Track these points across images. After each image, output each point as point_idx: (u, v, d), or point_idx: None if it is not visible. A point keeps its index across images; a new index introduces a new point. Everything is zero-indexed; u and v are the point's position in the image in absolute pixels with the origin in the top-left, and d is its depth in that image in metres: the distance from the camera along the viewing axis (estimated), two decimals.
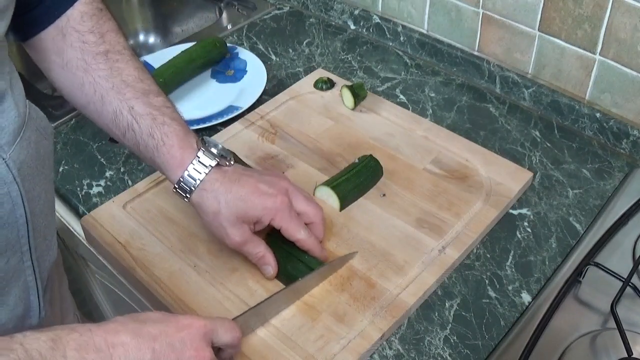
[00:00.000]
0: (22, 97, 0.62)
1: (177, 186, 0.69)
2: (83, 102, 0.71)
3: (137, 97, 0.69)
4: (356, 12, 1.20)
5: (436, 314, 0.73)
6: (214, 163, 0.69)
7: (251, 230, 0.71)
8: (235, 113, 0.99)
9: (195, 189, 0.69)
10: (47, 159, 0.68)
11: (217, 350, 0.59)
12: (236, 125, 0.96)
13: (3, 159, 0.57)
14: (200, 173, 0.68)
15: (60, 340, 0.47)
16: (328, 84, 1.03)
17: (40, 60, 0.71)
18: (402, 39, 1.15)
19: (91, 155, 0.95)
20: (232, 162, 0.72)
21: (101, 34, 0.69)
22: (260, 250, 0.71)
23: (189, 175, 0.68)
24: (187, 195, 0.69)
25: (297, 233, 0.71)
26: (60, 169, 0.93)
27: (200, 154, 0.69)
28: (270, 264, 0.72)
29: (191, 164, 0.68)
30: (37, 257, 0.65)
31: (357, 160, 0.86)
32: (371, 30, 1.20)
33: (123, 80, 0.69)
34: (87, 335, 0.49)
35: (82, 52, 0.68)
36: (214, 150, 0.69)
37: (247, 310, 0.67)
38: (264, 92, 1.03)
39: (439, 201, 0.83)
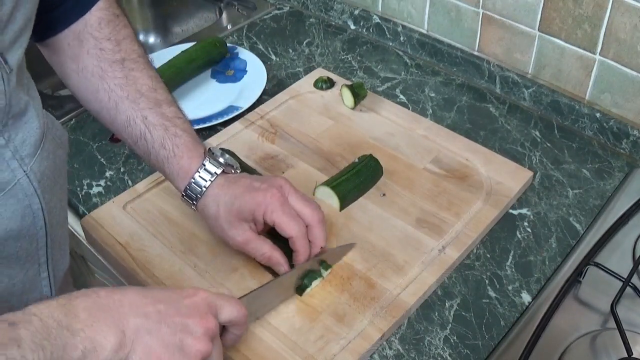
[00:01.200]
0: (40, 107, 0.62)
1: (184, 194, 0.70)
2: (97, 108, 0.71)
3: (151, 107, 0.70)
4: (356, 12, 1.20)
5: (436, 314, 0.73)
6: (219, 171, 0.69)
7: (252, 229, 0.70)
8: (235, 113, 0.99)
9: (201, 196, 0.69)
10: (63, 168, 0.68)
11: (221, 331, 0.58)
12: (236, 125, 0.96)
13: (24, 171, 0.57)
14: (206, 180, 0.69)
15: (70, 303, 0.48)
16: (328, 84, 1.03)
17: (54, 63, 0.71)
18: (402, 39, 1.15)
19: (91, 155, 0.95)
20: (238, 171, 0.72)
21: (118, 41, 0.69)
22: (266, 250, 0.70)
23: (195, 183, 0.69)
24: (194, 202, 0.70)
25: (289, 229, 0.69)
26: None
27: (206, 162, 0.70)
28: (281, 262, 0.71)
29: (197, 172, 0.69)
30: (52, 268, 0.65)
31: (357, 160, 0.86)
32: (371, 30, 1.20)
33: (137, 89, 0.70)
34: (94, 297, 0.50)
35: (99, 60, 0.69)
36: (220, 160, 0.70)
37: (249, 292, 0.66)
38: (264, 92, 1.03)
39: (439, 201, 0.83)
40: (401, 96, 1.05)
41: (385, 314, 0.70)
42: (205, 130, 0.97)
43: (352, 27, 1.23)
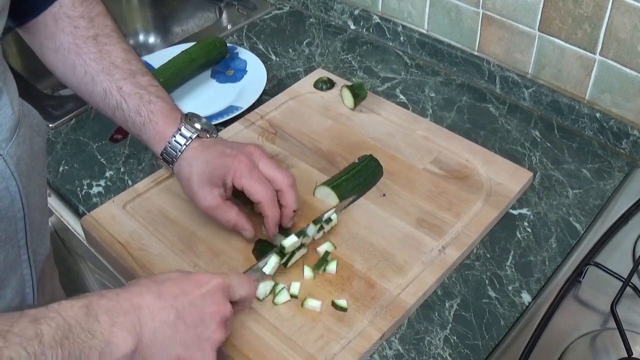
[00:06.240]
0: (16, 95, 0.64)
1: (161, 157, 0.74)
2: (75, 83, 0.75)
3: (125, 77, 0.73)
4: (356, 12, 1.20)
5: (436, 314, 0.73)
6: (194, 135, 0.73)
7: (222, 196, 0.73)
8: (235, 113, 0.99)
9: (176, 159, 0.73)
10: (41, 155, 0.70)
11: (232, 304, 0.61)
12: (236, 125, 0.96)
13: (0, 155, 0.59)
14: (181, 145, 0.72)
15: (92, 305, 0.50)
16: (328, 84, 1.03)
17: (33, 44, 0.74)
18: (402, 39, 1.15)
19: (91, 155, 0.95)
20: (214, 136, 0.75)
21: (90, 18, 0.73)
22: (231, 217, 0.73)
23: (171, 147, 0.73)
24: (171, 165, 0.73)
25: (256, 194, 0.71)
26: (60, 169, 0.93)
27: (182, 126, 0.73)
28: (246, 227, 0.74)
29: (173, 137, 0.72)
30: (32, 251, 0.67)
31: (357, 160, 0.86)
32: (371, 30, 1.20)
33: (112, 62, 0.73)
34: (115, 300, 0.52)
35: (74, 37, 0.72)
36: (197, 125, 0.74)
37: (252, 265, 0.71)
38: (264, 92, 1.03)
39: (439, 201, 0.83)
40: (401, 96, 1.05)
41: (385, 313, 0.70)
42: None
43: (352, 27, 1.23)
